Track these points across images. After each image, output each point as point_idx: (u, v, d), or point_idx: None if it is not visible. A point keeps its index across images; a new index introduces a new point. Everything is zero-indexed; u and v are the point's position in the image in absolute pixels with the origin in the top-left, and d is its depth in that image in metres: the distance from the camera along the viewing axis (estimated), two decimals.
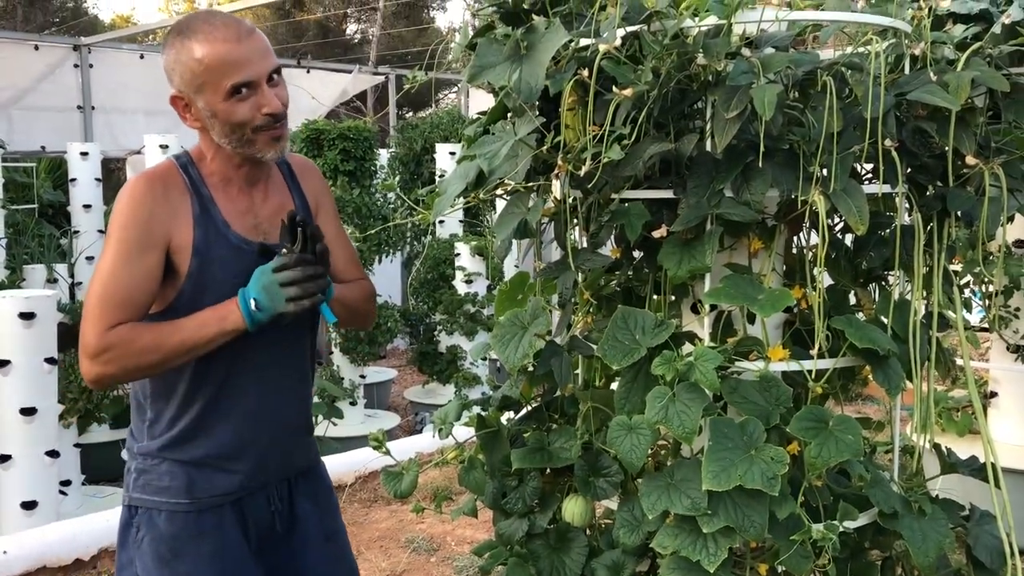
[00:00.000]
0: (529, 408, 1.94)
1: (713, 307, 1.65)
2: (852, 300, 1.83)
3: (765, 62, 1.48)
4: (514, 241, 1.71)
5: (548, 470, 1.80)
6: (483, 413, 1.91)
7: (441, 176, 6.26)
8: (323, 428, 5.17)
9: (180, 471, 1.68)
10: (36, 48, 7.88)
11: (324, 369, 5.77)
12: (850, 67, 1.65)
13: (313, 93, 9.01)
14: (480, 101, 9.14)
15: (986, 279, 1.90)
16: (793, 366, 1.57)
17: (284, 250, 1.61)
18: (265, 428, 1.73)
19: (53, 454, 3.98)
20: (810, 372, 1.56)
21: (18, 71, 7.72)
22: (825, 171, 1.52)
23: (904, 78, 1.61)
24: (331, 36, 19.93)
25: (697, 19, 1.48)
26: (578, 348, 1.71)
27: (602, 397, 1.77)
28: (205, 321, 1.60)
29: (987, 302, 2.01)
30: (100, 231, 6.17)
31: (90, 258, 6.10)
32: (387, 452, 1.89)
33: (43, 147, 7.76)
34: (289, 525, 1.80)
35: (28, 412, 3.88)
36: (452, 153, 6.27)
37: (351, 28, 21.48)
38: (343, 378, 5.70)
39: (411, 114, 16.11)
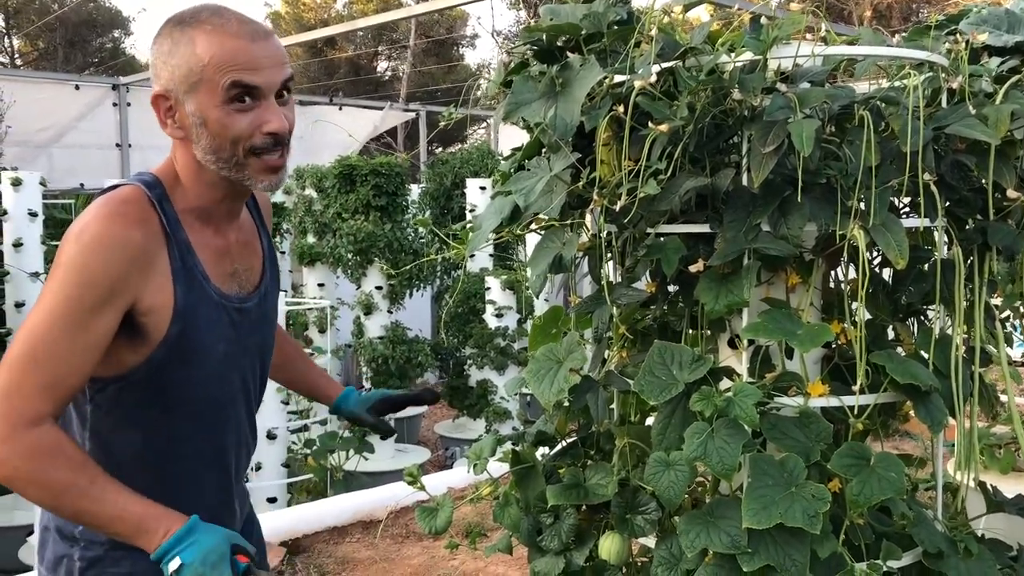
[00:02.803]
0: (564, 444, 1.93)
1: (751, 342, 1.63)
2: (891, 335, 1.81)
3: (802, 97, 1.48)
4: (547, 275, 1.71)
5: (584, 507, 1.79)
6: (518, 449, 1.90)
7: (472, 211, 6.30)
8: (354, 463, 5.17)
9: (143, 553, 1.31)
10: (76, 88, 8.08)
11: None
12: (886, 101, 1.64)
13: (345, 130, 9.13)
14: (510, 137, 9.21)
15: None
16: (833, 402, 1.55)
17: None
18: (226, 493, 1.53)
19: None
20: (851, 408, 1.54)
21: (59, 110, 7.91)
22: (863, 205, 1.52)
23: (942, 112, 1.61)
24: (362, 73, 20.24)
25: (733, 55, 1.49)
26: (614, 383, 1.70)
27: (638, 433, 1.76)
28: (124, 516, 1.25)
29: None
30: None
31: None
32: (421, 487, 1.88)
33: (82, 184, 7.92)
34: None
35: None
36: (482, 188, 6.31)
37: (382, 65, 21.80)
38: None
39: (441, 149, 16.26)
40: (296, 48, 19.61)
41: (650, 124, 1.50)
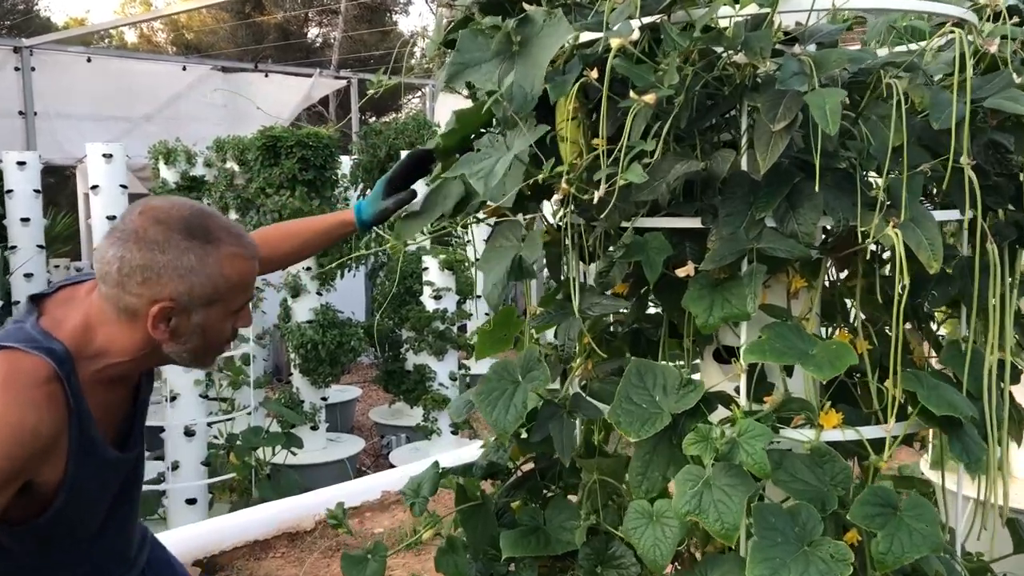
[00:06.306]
0: (519, 474, 1.64)
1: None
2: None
3: (819, 60, 1.19)
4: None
5: None
6: (461, 481, 1.60)
7: None
8: (282, 457, 4.81)
9: None
10: None
11: (281, 392, 5.41)
12: (909, 69, 1.36)
13: (273, 99, 8.62)
14: (448, 106, 8.81)
15: None
16: (850, 435, 1.28)
17: None
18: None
19: None
20: (872, 442, 1.27)
21: None
22: (883, 195, 1.24)
23: (976, 81, 1.33)
24: (291, 39, 19.48)
25: (738, 7, 1.19)
26: (582, 410, 1.40)
27: (609, 466, 1.47)
28: None
29: None
30: (39, 246, 5.77)
31: (28, 275, 5.68)
32: (348, 531, 1.57)
33: None
34: None
35: None
36: None
37: (312, 32, 21.05)
38: (303, 401, 5.33)
39: (374, 119, 15.72)
40: (221, 13, 18.76)
41: (631, 94, 1.19)
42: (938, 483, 1.60)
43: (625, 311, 1.51)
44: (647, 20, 1.25)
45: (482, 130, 1.48)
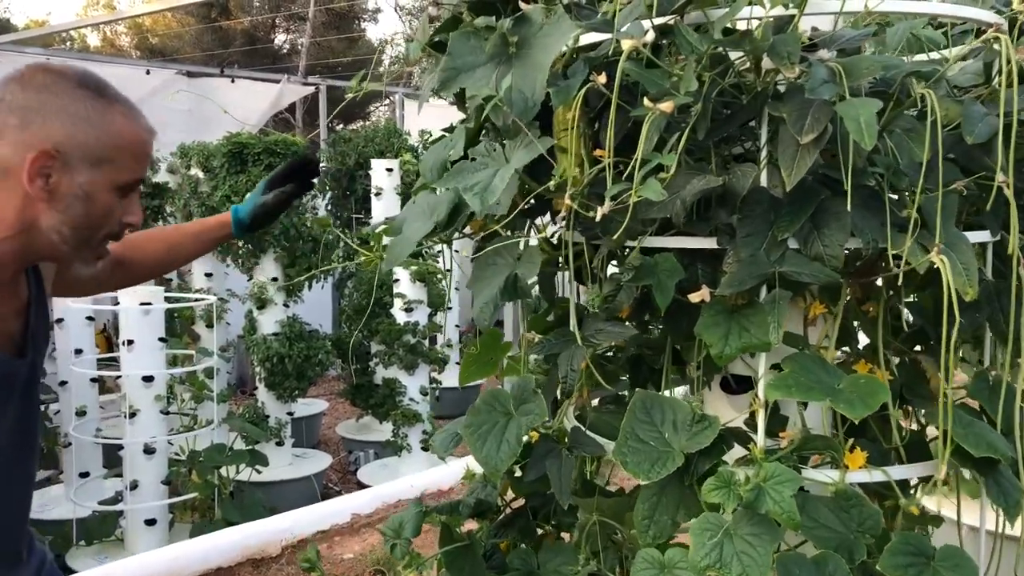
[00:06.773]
0: (508, 511, 1.51)
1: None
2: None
3: (849, 68, 1.08)
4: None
5: None
6: (443, 519, 1.48)
7: (377, 194, 5.79)
8: (246, 474, 4.64)
9: None
10: None
11: (246, 407, 5.23)
12: (935, 80, 1.27)
13: (239, 105, 8.42)
14: (424, 114, 8.66)
15: None
16: (877, 475, 1.17)
17: None
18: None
19: None
20: (901, 484, 1.17)
21: None
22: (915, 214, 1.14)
23: (1007, 94, 1.24)
24: (258, 44, 19.24)
25: (768, 6, 1.08)
26: (583, 446, 1.28)
27: (610, 507, 1.35)
28: None
29: None
30: None
31: None
32: (321, 574, 1.44)
33: None
34: None
35: None
36: (389, 169, 5.80)
37: (279, 38, 20.82)
38: (268, 416, 5.16)
39: (342, 127, 15.54)
40: (187, 18, 18.48)
41: (646, 102, 1.08)
42: (935, 511, 1.50)
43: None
44: (659, 21, 1.14)
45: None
